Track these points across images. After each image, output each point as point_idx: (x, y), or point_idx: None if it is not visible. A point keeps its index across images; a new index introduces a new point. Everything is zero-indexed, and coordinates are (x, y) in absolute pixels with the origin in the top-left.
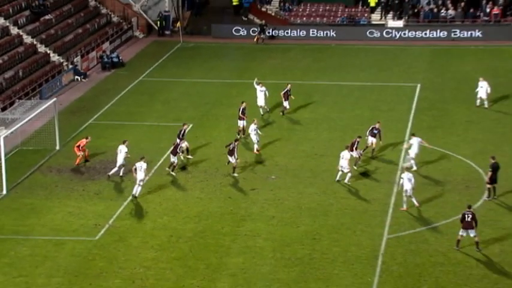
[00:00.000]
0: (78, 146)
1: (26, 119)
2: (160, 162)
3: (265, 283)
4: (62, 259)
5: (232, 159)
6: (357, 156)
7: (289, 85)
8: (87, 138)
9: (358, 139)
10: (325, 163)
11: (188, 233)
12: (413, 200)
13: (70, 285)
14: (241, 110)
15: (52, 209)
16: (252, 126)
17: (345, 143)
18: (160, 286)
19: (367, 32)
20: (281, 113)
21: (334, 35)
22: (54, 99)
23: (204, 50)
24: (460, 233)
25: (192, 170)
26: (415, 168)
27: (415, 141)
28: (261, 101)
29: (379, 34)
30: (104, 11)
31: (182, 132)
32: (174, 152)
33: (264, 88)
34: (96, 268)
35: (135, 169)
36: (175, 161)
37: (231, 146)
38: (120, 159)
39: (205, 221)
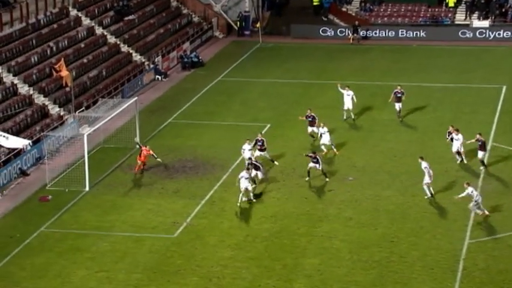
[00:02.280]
0: (140, 155)
1: (108, 118)
2: (237, 161)
3: (341, 285)
4: (141, 255)
5: (318, 166)
6: (482, 156)
7: (399, 87)
8: (145, 146)
9: (479, 137)
10: (404, 165)
11: (264, 232)
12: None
13: (149, 281)
14: (309, 116)
15: (132, 206)
16: (321, 130)
17: (424, 145)
18: (237, 285)
19: (451, 33)
20: (400, 119)
21: (416, 36)
22: (135, 98)
23: (283, 51)
24: None
25: (268, 171)
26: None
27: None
28: (348, 104)
29: (463, 34)
30: (185, 11)
31: (260, 143)
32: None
33: (351, 92)
34: (174, 265)
35: (239, 179)
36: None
37: (314, 156)
38: (248, 158)
39: (281, 221)
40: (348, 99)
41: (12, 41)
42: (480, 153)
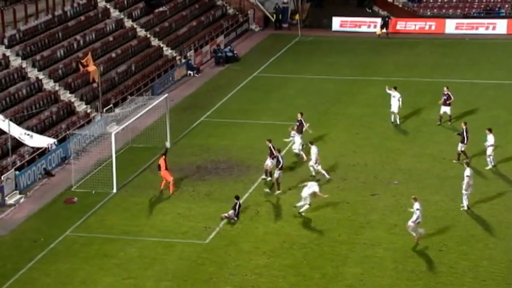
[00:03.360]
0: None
1: (137, 115)
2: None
3: None
4: (171, 262)
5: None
6: None
7: (445, 88)
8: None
9: None
10: (454, 168)
11: (302, 239)
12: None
13: None
14: (298, 121)
15: (162, 209)
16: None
17: (477, 147)
18: None
19: (507, 25)
20: (449, 122)
21: (468, 29)
22: (166, 95)
23: (323, 45)
24: None
25: (307, 173)
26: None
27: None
28: (394, 107)
29: None
30: (219, 2)
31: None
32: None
33: (397, 94)
34: (206, 273)
35: (305, 186)
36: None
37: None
38: (314, 161)
39: (320, 227)
40: (394, 101)
41: (37, 34)
42: None
